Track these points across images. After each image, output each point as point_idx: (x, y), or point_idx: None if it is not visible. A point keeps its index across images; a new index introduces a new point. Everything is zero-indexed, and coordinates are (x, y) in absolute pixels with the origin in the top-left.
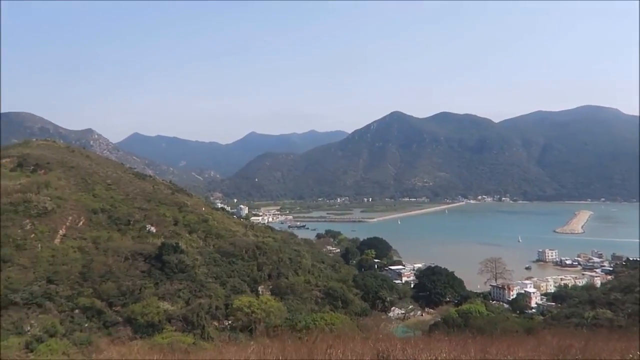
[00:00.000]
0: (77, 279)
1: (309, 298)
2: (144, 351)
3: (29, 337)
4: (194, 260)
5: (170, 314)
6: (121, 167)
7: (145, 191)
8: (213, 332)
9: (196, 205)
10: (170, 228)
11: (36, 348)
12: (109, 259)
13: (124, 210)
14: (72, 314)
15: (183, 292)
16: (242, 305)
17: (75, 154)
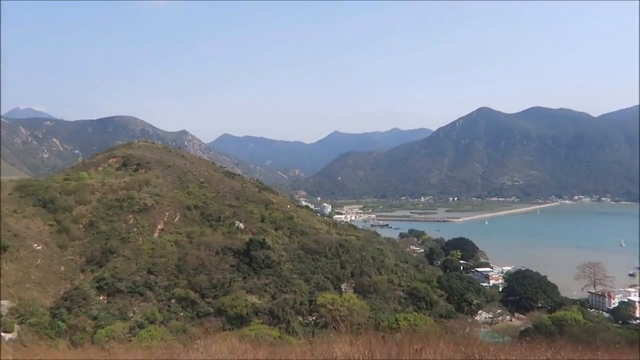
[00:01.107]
0: (174, 271)
1: (392, 297)
2: (234, 342)
3: (132, 322)
4: (280, 256)
5: (257, 307)
6: (212, 166)
7: (234, 189)
8: (297, 326)
9: (281, 203)
10: (257, 225)
11: (138, 333)
12: (202, 253)
13: (215, 207)
14: (169, 303)
15: (269, 286)
16: (326, 301)
17: (172, 154)
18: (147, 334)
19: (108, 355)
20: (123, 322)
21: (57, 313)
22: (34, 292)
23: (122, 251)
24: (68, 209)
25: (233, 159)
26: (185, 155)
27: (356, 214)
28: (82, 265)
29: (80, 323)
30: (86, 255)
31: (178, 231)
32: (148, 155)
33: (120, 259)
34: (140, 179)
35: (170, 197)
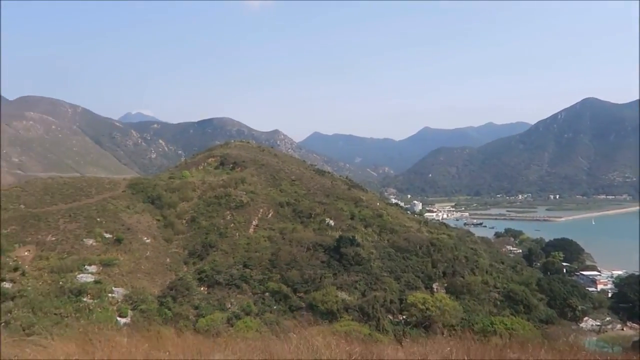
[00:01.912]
0: (267, 265)
1: (487, 299)
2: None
3: (229, 313)
4: (370, 254)
5: (348, 304)
6: (303, 164)
7: (324, 186)
8: (388, 325)
9: (371, 200)
10: (347, 222)
11: (235, 324)
12: (294, 248)
13: (306, 204)
14: (263, 296)
15: (359, 283)
16: (417, 301)
17: (265, 153)
18: (243, 325)
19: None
20: (222, 312)
21: (164, 301)
22: (144, 282)
23: (221, 245)
24: (173, 205)
25: (323, 157)
26: (278, 154)
27: (448, 212)
28: (185, 258)
29: (184, 311)
30: (189, 249)
31: (271, 227)
32: (243, 155)
33: (218, 253)
34: (236, 177)
35: (264, 195)
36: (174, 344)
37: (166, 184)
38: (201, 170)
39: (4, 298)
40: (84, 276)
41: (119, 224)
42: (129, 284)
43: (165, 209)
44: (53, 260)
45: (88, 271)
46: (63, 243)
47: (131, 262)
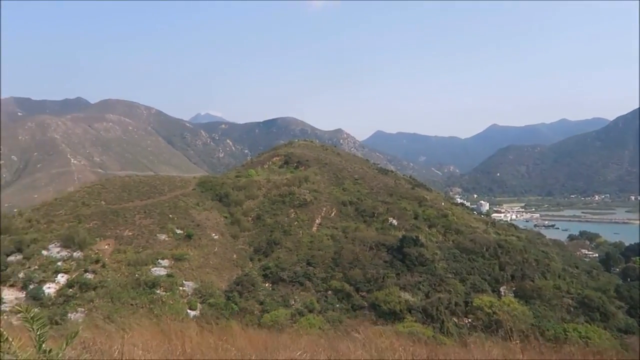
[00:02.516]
0: (330, 264)
1: (559, 305)
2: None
3: (293, 310)
4: (434, 255)
5: (411, 305)
6: (366, 163)
7: (387, 185)
8: (452, 327)
9: (435, 200)
10: (410, 221)
11: (298, 320)
12: (356, 247)
13: (369, 204)
14: (326, 294)
15: (423, 284)
16: (483, 304)
17: (328, 152)
18: (307, 322)
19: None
20: (285, 309)
21: (231, 296)
22: (212, 276)
23: (285, 243)
24: (239, 203)
25: (386, 156)
26: (341, 153)
27: (517, 212)
28: (251, 254)
29: (250, 306)
30: (254, 246)
31: (334, 226)
32: (307, 154)
33: (283, 250)
34: (300, 175)
35: (327, 193)
36: (242, 337)
37: (233, 182)
38: (266, 169)
39: (87, 288)
40: (157, 269)
41: (189, 220)
42: (198, 278)
43: (232, 206)
44: (130, 254)
45: (161, 265)
46: (139, 238)
47: (200, 257)
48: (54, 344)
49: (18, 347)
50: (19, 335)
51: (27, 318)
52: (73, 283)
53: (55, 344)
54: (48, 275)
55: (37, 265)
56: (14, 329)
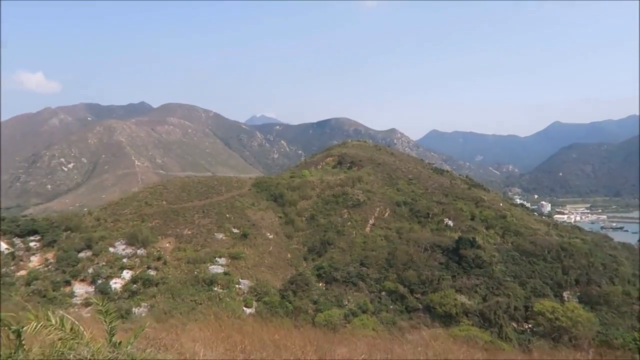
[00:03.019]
0: (383, 265)
1: (629, 312)
2: (445, 340)
3: (346, 310)
4: (491, 257)
5: (467, 308)
6: (421, 162)
7: (442, 186)
8: (511, 332)
9: (493, 200)
10: (467, 223)
11: (352, 320)
12: (410, 248)
13: (424, 204)
14: (380, 295)
15: (480, 287)
16: (545, 309)
17: (382, 152)
18: (360, 322)
19: None
20: (339, 309)
21: (285, 295)
22: (267, 275)
23: (338, 243)
24: (293, 203)
25: (441, 155)
26: (395, 153)
27: (582, 214)
28: (305, 254)
29: (303, 305)
30: (308, 245)
31: (388, 226)
32: (360, 154)
33: (336, 250)
34: (353, 176)
35: (381, 194)
36: (299, 336)
37: (287, 183)
38: (320, 169)
39: (150, 284)
40: (215, 267)
41: (245, 220)
42: (254, 276)
43: (286, 206)
44: (189, 252)
45: (218, 263)
46: (197, 236)
47: (256, 256)
48: (121, 337)
49: (89, 339)
50: (90, 327)
51: (101, 311)
52: (137, 279)
53: (122, 337)
54: (114, 271)
55: (105, 261)
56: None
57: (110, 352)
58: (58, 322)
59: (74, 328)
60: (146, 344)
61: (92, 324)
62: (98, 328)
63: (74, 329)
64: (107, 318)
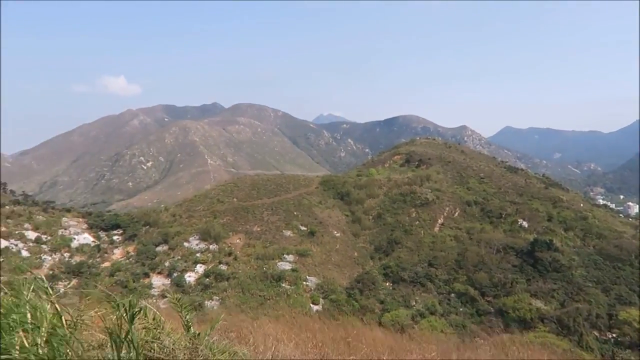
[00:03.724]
0: (453, 266)
1: None
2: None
3: (414, 311)
4: (570, 260)
5: (543, 314)
6: (493, 160)
7: (516, 185)
8: (592, 342)
9: (573, 200)
10: (543, 224)
11: (419, 321)
12: (481, 249)
13: (496, 204)
14: (449, 297)
15: (557, 292)
16: (631, 318)
17: (451, 150)
18: (428, 324)
19: None
20: (406, 309)
21: (351, 293)
22: (334, 273)
23: (405, 242)
24: (360, 201)
25: (515, 153)
26: (465, 151)
27: None
28: (372, 253)
29: (370, 305)
30: (375, 244)
31: (457, 226)
32: (429, 152)
33: (403, 250)
34: (421, 174)
35: (450, 193)
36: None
37: (354, 181)
38: (387, 167)
39: (221, 278)
40: (283, 264)
41: (313, 217)
42: (321, 274)
43: (353, 204)
44: (258, 248)
45: (286, 260)
46: (266, 233)
47: (322, 254)
48: (197, 328)
49: (170, 329)
50: (170, 319)
51: (176, 304)
52: (209, 273)
53: (199, 329)
54: (189, 265)
55: (180, 255)
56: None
57: (189, 342)
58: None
59: (156, 318)
60: (221, 336)
61: (170, 315)
62: (174, 319)
63: (156, 319)
64: (184, 310)
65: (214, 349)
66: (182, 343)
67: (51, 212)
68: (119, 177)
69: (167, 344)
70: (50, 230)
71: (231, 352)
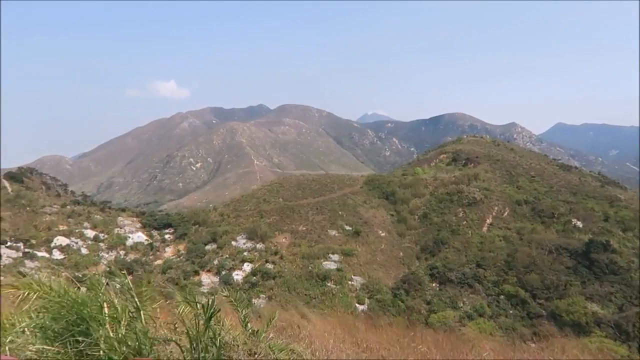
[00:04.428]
0: (502, 267)
1: None
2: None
3: (461, 312)
4: (629, 263)
5: (600, 318)
6: (544, 158)
7: (570, 183)
8: None
9: (632, 199)
10: (599, 224)
11: (467, 323)
12: (533, 250)
13: (548, 203)
14: (498, 298)
15: (615, 296)
16: None
17: (500, 148)
18: (476, 326)
19: None
20: (453, 310)
21: (397, 293)
22: (379, 273)
23: (452, 243)
24: (405, 201)
25: (568, 150)
26: (515, 148)
27: None
28: (417, 253)
29: (416, 305)
30: (420, 244)
31: (507, 226)
32: (476, 150)
33: (450, 250)
34: (469, 173)
35: (499, 192)
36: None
37: (399, 181)
38: (433, 166)
39: (268, 277)
40: (328, 263)
41: (357, 217)
42: (366, 273)
43: (398, 204)
44: (304, 248)
45: (331, 259)
46: (311, 233)
47: (367, 254)
48: (252, 325)
49: (229, 325)
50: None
51: (233, 301)
52: (256, 272)
53: (255, 326)
54: (236, 263)
55: (228, 254)
56: None
57: (248, 339)
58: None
59: (216, 315)
60: (275, 333)
61: (223, 312)
62: (228, 316)
63: (216, 316)
64: (240, 307)
65: (273, 346)
66: (241, 339)
67: (108, 211)
68: (169, 177)
69: (227, 340)
70: (107, 229)
71: (288, 349)
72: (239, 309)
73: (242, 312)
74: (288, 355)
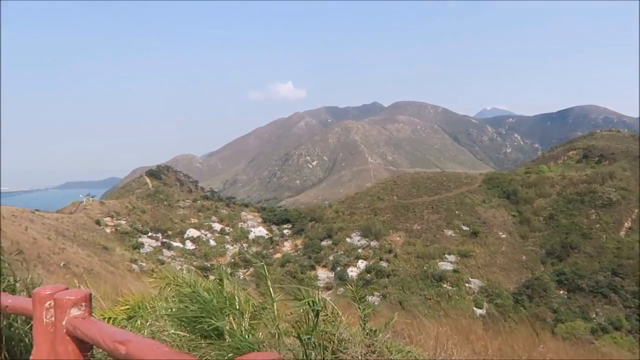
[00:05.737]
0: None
1: None
2: None
3: (594, 324)
4: None
5: None
6: None
7: None
8: None
9: None
10: None
11: (601, 337)
12: None
13: None
14: (638, 311)
15: None
16: None
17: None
18: (612, 340)
19: None
20: (584, 321)
21: (519, 299)
22: (499, 276)
23: (583, 247)
24: (529, 201)
25: None
26: None
27: None
28: (542, 257)
29: (541, 313)
30: (546, 248)
31: None
32: (612, 146)
33: (581, 255)
34: (603, 171)
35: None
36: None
37: (522, 179)
38: (560, 164)
39: (382, 275)
40: (444, 264)
41: (475, 217)
42: (485, 276)
43: (520, 204)
44: (418, 247)
45: (447, 260)
46: (427, 232)
47: (486, 256)
48: (371, 324)
49: (347, 323)
50: (345, 312)
51: (355, 298)
52: (370, 269)
53: (373, 325)
54: (351, 260)
55: (343, 250)
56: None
57: (366, 338)
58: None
59: (334, 311)
60: (393, 336)
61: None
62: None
63: (333, 312)
64: (361, 305)
65: (390, 347)
66: (357, 338)
67: (232, 207)
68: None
69: (345, 337)
70: (232, 223)
71: (405, 352)
72: (360, 307)
73: (363, 311)
74: (405, 357)
